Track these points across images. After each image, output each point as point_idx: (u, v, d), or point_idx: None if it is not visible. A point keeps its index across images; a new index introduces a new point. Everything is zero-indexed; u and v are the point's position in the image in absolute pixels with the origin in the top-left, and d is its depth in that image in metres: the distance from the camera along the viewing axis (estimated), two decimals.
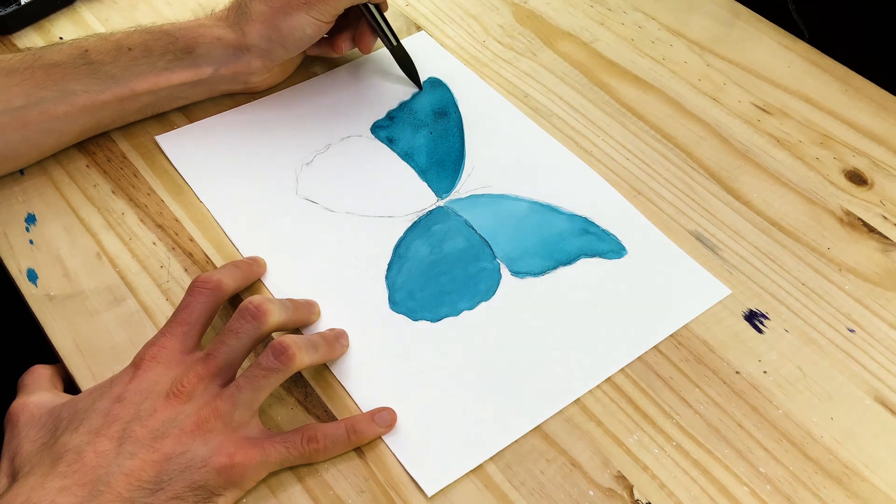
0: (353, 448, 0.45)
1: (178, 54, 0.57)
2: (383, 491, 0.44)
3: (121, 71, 0.56)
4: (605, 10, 0.71)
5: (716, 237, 0.56)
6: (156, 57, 0.56)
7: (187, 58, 0.57)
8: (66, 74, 0.54)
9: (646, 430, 0.47)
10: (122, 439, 0.41)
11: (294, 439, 0.44)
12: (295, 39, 0.58)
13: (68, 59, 0.55)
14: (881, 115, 0.63)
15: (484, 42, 0.68)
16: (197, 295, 0.47)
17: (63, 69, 0.55)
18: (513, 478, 0.45)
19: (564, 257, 0.54)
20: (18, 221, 0.55)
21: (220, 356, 0.44)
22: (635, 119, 0.63)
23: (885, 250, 0.55)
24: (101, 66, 0.55)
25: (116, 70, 0.55)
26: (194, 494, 0.41)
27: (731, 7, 0.72)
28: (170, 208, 0.56)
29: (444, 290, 0.52)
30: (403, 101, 0.63)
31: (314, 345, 0.46)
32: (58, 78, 0.54)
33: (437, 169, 0.59)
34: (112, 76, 0.55)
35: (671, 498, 0.44)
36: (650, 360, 0.50)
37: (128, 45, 0.56)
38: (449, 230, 0.55)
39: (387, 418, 0.46)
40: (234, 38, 0.58)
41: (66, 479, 0.40)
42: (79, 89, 0.55)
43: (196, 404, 0.43)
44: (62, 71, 0.54)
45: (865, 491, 0.45)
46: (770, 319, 0.52)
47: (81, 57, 0.55)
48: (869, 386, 0.49)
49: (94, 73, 0.55)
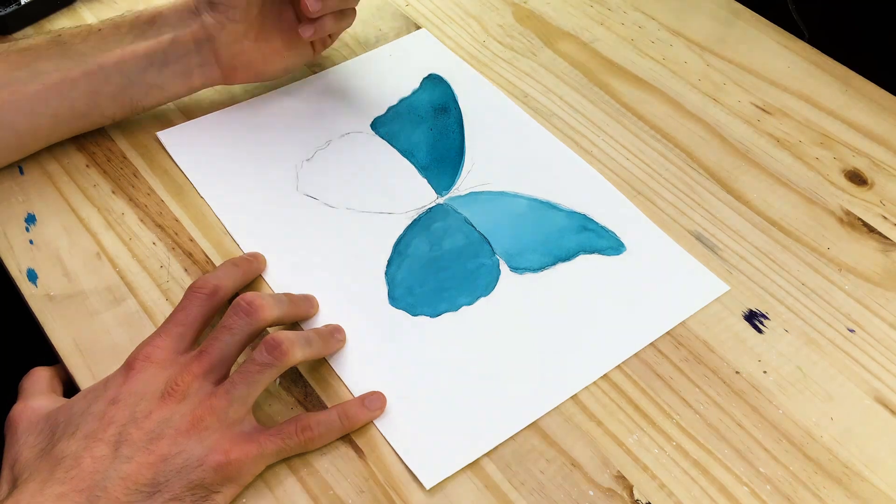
0: (346, 433, 0.46)
1: (142, 28, 0.57)
2: (383, 491, 0.44)
3: (90, 49, 0.56)
4: (605, 10, 0.71)
5: (716, 237, 0.56)
6: (123, 33, 0.57)
7: (150, 29, 0.57)
8: (39, 56, 0.55)
9: (646, 430, 0.47)
10: (118, 443, 0.41)
11: (288, 430, 0.44)
12: None
13: (42, 43, 0.56)
14: (881, 115, 0.63)
15: (484, 42, 0.68)
16: (193, 299, 0.47)
17: (36, 51, 0.55)
18: (513, 478, 0.45)
19: (563, 254, 0.54)
20: (18, 221, 0.55)
21: (213, 352, 0.44)
22: (635, 119, 0.63)
23: (885, 250, 0.55)
24: (72, 46, 0.56)
25: (86, 48, 0.56)
26: (192, 494, 0.41)
27: (731, 7, 0.72)
28: (170, 208, 0.56)
29: (443, 285, 0.52)
30: (404, 97, 0.63)
31: (308, 340, 0.46)
32: (30, 59, 0.55)
33: (438, 166, 0.59)
34: (81, 53, 0.56)
35: (671, 498, 0.44)
36: (650, 359, 0.50)
37: (98, 27, 0.57)
38: (448, 227, 0.55)
39: (377, 402, 0.47)
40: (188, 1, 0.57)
41: (64, 486, 0.40)
42: (50, 68, 0.55)
43: (191, 403, 0.43)
44: (35, 53, 0.55)
45: (865, 491, 0.45)
46: (770, 319, 0.52)
47: (54, 40, 0.56)
48: (869, 386, 0.49)
49: (65, 52, 0.55)
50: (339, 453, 0.46)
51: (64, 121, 0.57)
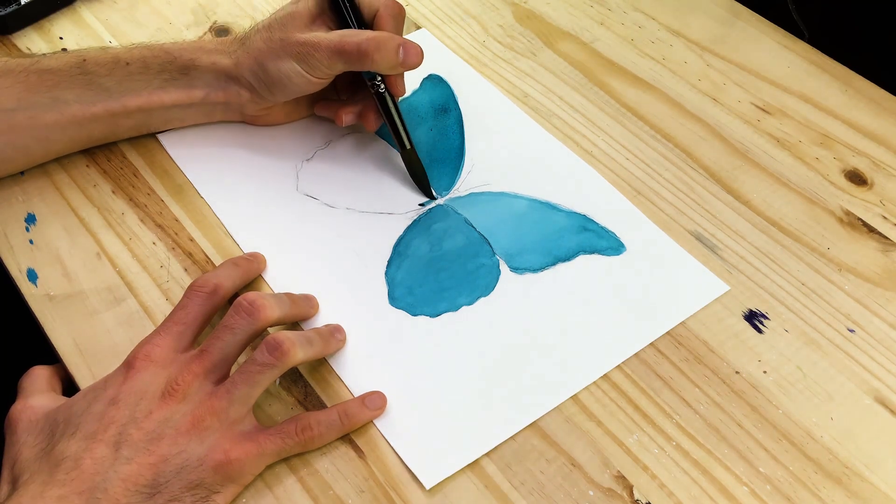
0: (346, 433, 0.46)
1: (173, 74, 0.55)
2: (383, 491, 0.44)
3: (115, 84, 0.55)
4: (605, 10, 0.71)
5: (716, 237, 0.56)
6: (152, 74, 0.55)
7: (182, 78, 0.56)
8: (60, 82, 0.54)
9: (646, 430, 0.47)
10: (118, 444, 0.41)
11: (288, 429, 0.44)
12: (281, 85, 0.55)
13: (64, 67, 0.54)
14: (881, 115, 0.63)
15: (484, 42, 0.68)
16: (194, 298, 0.47)
17: (58, 76, 0.54)
18: (513, 478, 0.45)
19: (563, 254, 0.54)
20: (18, 221, 0.55)
21: (214, 352, 0.44)
22: (635, 119, 0.63)
23: (885, 250, 0.55)
24: (96, 78, 0.54)
25: (111, 83, 0.54)
26: (192, 494, 0.41)
27: (731, 7, 0.72)
28: (170, 208, 0.56)
29: (443, 285, 0.52)
30: (404, 97, 0.63)
31: (309, 340, 0.46)
32: (51, 84, 0.53)
33: (438, 166, 0.59)
34: (106, 89, 0.54)
35: (671, 498, 0.44)
36: (650, 359, 0.50)
37: (126, 60, 0.55)
38: (448, 228, 0.55)
39: (377, 401, 0.47)
40: (228, 67, 0.56)
41: (64, 488, 0.40)
42: (70, 98, 0.54)
43: (191, 403, 0.43)
44: (56, 78, 0.54)
45: (865, 491, 0.45)
46: (770, 319, 0.52)
47: (78, 66, 0.54)
48: (869, 386, 0.49)
49: (89, 83, 0.54)
50: (338, 453, 0.46)
51: (78, 144, 0.57)
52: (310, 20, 0.55)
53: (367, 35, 0.52)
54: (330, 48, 0.52)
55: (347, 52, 0.52)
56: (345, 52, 0.52)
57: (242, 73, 0.55)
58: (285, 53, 0.53)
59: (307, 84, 0.54)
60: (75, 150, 0.58)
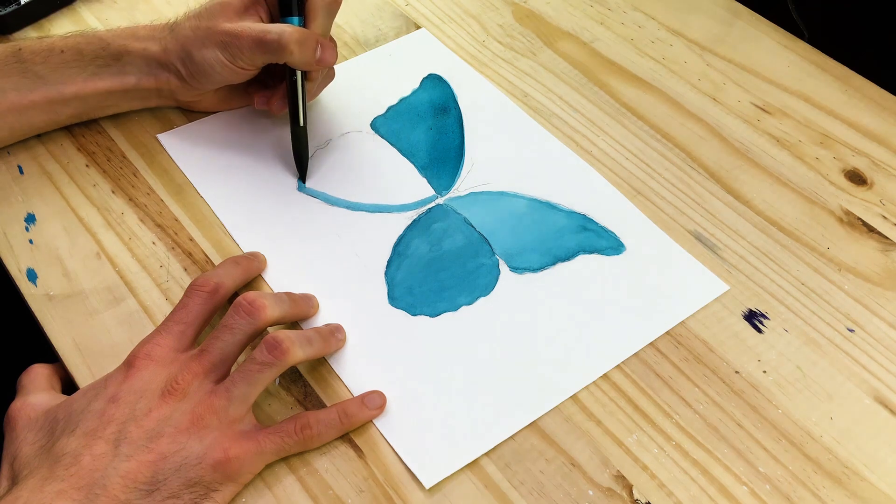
0: (345, 432, 0.46)
1: (107, 60, 0.56)
2: (383, 491, 0.44)
3: (50, 72, 0.55)
4: (605, 10, 0.71)
5: (715, 237, 0.56)
6: (86, 62, 0.56)
7: (115, 65, 0.56)
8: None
9: (645, 430, 0.47)
10: (117, 441, 0.41)
11: (288, 428, 0.44)
12: (205, 73, 0.55)
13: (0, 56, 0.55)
14: (881, 115, 0.63)
15: (484, 42, 0.68)
16: (195, 297, 0.47)
17: None
18: (512, 477, 0.45)
19: (563, 253, 0.54)
20: (18, 221, 0.55)
21: (214, 352, 0.44)
22: (635, 119, 0.63)
23: (884, 250, 0.55)
24: (32, 66, 0.55)
25: (46, 71, 0.55)
26: (190, 492, 0.41)
27: (730, 7, 0.72)
28: (169, 208, 0.56)
29: (443, 285, 0.52)
30: (404, 97, 0.63)
31: (309, 339, 0.47)
32: None
33: (437, 165, 0.59)
34: (41, 77, 0.55)
35: (671, 497, 0.44)
36: (650, 359, 0.50)
37: (60, 48, 0.56)
38: (448, 228, 0.55)
39: (377, 400, 0.47)
40: (157, 53, 0.56)
41: (63, 483, 0.40)
42: (7, 87, 0.54)
43: (191, 402, 0.43)
44: None
45: (865, 490, 0.45)
46: (770, 319, 0.52)
47: (14, 55, 0.55)
48: (868, 386, 0.49)
49: (24, 72, 0.55)
50: (338, 453, 0.46)
51: (20, 133, 0.58)
52: (242, 9, 0.55)
53: (289, 29, 0.53)
54: (251, 39, 0.53)
55: (267, 43, 0.53)
56: (264, 43, 0.53)
57: (171, 60, 0.56)
58: (210, 42, 0.54)
59: (231, 73, 0.55)
60: (17, 140, 0.58)
